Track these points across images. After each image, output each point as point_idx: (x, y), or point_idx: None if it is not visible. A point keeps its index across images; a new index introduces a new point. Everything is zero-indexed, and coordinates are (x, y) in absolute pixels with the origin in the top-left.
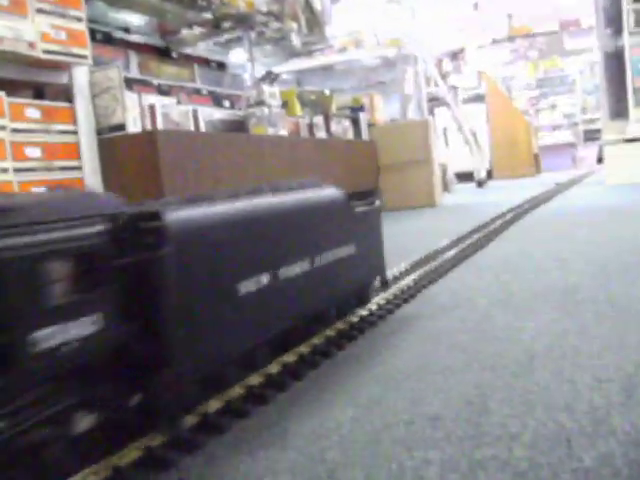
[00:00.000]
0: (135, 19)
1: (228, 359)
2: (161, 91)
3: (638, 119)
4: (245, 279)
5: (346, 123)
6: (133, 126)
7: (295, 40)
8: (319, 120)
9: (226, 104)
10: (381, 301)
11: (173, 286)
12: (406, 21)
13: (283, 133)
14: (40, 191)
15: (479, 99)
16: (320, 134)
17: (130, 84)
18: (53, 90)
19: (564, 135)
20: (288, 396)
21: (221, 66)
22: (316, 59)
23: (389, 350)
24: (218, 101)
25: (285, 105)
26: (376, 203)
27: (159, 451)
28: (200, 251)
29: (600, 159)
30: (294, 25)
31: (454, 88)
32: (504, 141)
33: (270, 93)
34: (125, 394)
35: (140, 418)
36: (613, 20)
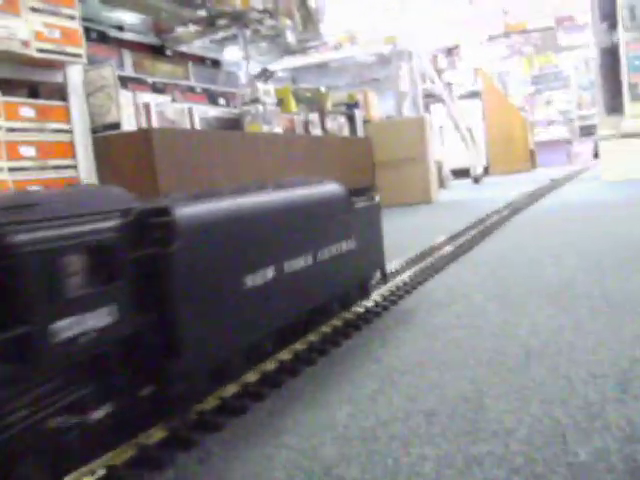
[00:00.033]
0: (129, 17)
1: (235, 350)
2: (156, 89)
3: (633, 114)
4: (251, 273)
5: (341, 120)
6: (128, 124)
7: (290, 37)
8: (314, 117)
9: (221, 102)
10: (377, 297)
11: (182, 279)
12: (401, 17)
13: (278, 130)
14: (59, 187)
15: (475, 95)
16: (315, 131)
17: (125, 82)
18: (47, 89)
19: (559, 131)
20: (284, 393)
21: (216, 64)
22: (311, 56)
23: (385, 346)
24: (213, 99)
25: (280, 102)
26: (376, 199)
27: (155, 449)
28: (208, 245)
29: (596, 154)
30: (289, 22)
31: (449, 84)
32: (500, 137)
33: (265, 91)
34: (138, 384)
35: (152, 407)
36: (608, 16)
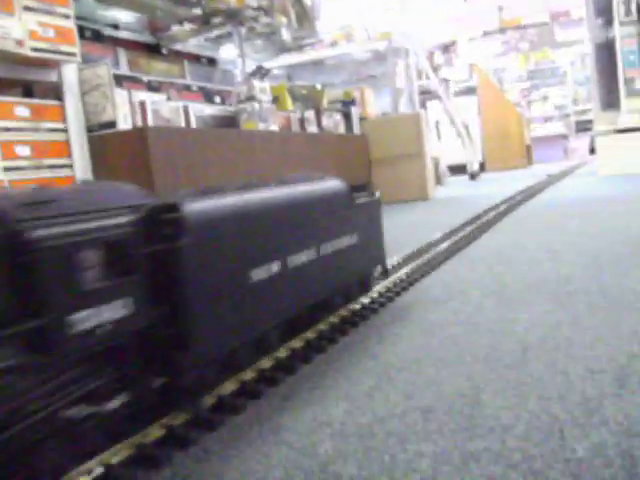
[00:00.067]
0: (125, 16)
1: (242, 342)
2: (151, 88)
3: (629, 110)
4: (257, 267)
5: (337, 117)
6: (123, 123)
7: (285, 35)
8: (310, 114)
9: (217, 100)
10: (374, 294)
11: (191, 273)
12: (397, 14)
13: (274, 128)
14: (75, 183)
15: (471, 91)
16: (311, 128)
17: (120, 81)
18: (42, 88)
19: (556, 126)
20: (281, 390)
21: (211, 62)
22: (307, 54)
23: (382, 343)
24: (209, 97)
25: (276, 100)
26: (376, 195)
27: (152, 447)
28: (216, 240)
29: (592, 150)
30: (284, 20)
31: (446, 81)
32: (496, 133)
33: (261, 88)
34: (151, 375)
35: (164, 398)
36: (603, 11)
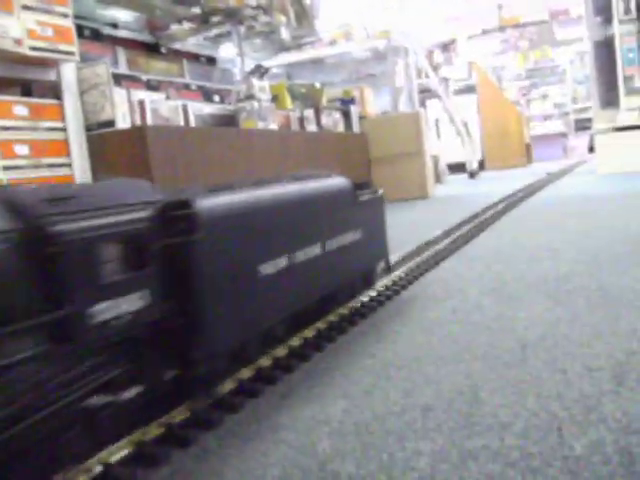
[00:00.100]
0: (123, 15)
1: (251, 335)
2: (150, 87)
3: (629, 108)
4: (266, 261)
5: (337, 116)
6: (122, 122)
7: (284, 34)
8: (310, 113)
9: (216, 99)
10: (372, 292)
11: (203, 267)
12: (396, 13)
13: (273, 127)
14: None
15: (470, 90)
16: (311, 127)
17: (119, 80)
18: (41, 87)
19: (555, 125)
20: (279, 389)
21: (210, 61)
22: (306, 52)
23: (381, 341)
24: (208, 96)
25: (275, 99)
26: (379, 192)
27: (151, 446)
28: (227, 236)
29: (591, 148)
30: (283, 19)
31: (445, 79)
32: (495, 132)
33: (260, 87)
34: (165, 366)
35: (177, 389)
36: (603, 9)
